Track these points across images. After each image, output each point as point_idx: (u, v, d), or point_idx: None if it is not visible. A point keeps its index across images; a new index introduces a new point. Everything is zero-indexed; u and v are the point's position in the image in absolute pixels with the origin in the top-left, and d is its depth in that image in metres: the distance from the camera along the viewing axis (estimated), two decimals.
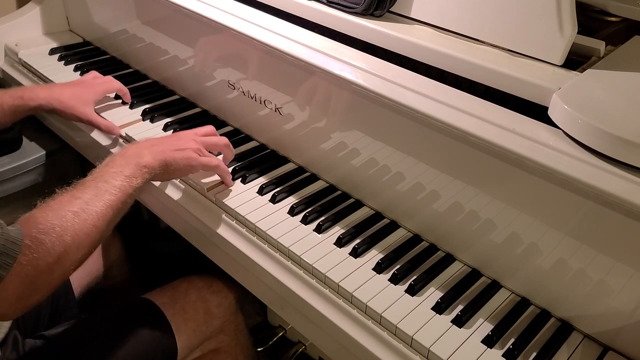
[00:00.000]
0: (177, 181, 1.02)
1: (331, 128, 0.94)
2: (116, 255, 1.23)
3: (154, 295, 0.98)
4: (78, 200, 0.73)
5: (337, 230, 0.90)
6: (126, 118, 1.17)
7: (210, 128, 0.99)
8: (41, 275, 0.67)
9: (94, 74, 1.22)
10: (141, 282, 1.32)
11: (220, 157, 1.00)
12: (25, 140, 1.36)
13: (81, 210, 0.72)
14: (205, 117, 1.20)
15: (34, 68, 1.35)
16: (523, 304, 0.80)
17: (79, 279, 1.11)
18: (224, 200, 0.94)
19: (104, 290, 1.23)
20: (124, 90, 1.21)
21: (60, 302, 1.05)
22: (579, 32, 0.78)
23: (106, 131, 1.12)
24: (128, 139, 1.12)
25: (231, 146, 0.99)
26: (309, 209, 0.93)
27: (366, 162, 0.92)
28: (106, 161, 0.82)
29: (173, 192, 1.01)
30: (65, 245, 0.69)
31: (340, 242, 0.87)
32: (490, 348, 0.73)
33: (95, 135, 1.16)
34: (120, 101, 1.23)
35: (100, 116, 1.14)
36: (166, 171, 0.86)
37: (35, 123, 1.38)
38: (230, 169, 1.02)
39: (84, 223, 0.72)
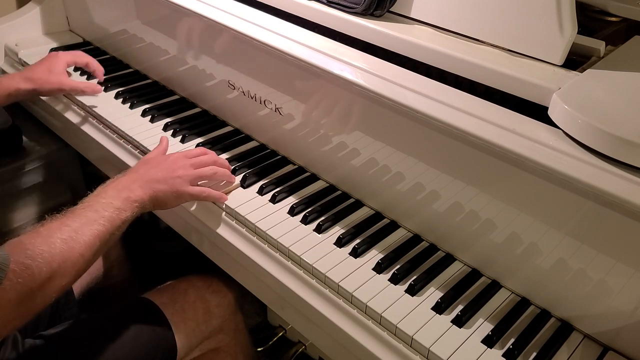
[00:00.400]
0: None
1: (331, 128, 0.94)
2: (116, 255, 1.23)
3: (153, 295, 0.98)
4: (67, 228, 0.73)
5: (337, 230, 0.90)
6: (131, 121, 1.17)
7: (200, 150, 0.99)
8: (24, 301, 0.67)
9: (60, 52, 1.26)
10: (141, 282, 1.32)
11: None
12: (25, 140, 1.36)
13: (70, 238, 0.72)
14: (205, 117, 1.20)
15: None
16: (523, 304, 0.80)
17: (80, 280, 1.11)
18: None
19: (104, 290, 1.23)
20: (94, 65, 1.24)
21: (61, 302, 1.05)
22: (579, 32, 0.78)
23: (90, 92, 1.17)
24: (129, 140, 1.12)
25: (220, 160, 0.99)
26: (309, 209, 0.93)
27: (366, 162, 0.92)
28: (98, 190, 0.82)
29: None
30: (52, 272, 0.69)
31: (340, 242, 0.87)
32: (490, 348, 0.73)
33: (96, 135, 1.16)
34: (120, 100, 1.23)
35: (76, 81, 1.19)
36: (157, 204, 0.87)
37: (35, 123, 1.39)
38: (230, 169, 1.03)
39: (72, 251, 0.72)
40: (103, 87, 1.23)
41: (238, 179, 0.99)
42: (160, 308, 0.95)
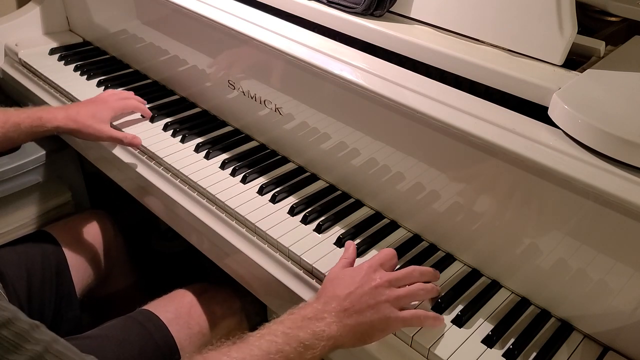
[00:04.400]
0: (177, 181, 1.02)
1: (331, 128, 0.94)
2: (117, 255, 1.23)
3: (158, 308, 0.96)
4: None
5: (337, 230, 0.90)
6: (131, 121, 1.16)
7: (389, 253, 0.77)
8: None
9: (111, 91, 1.18)
10: (142, 282, 1.32)
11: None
12: None
13: None
14: (205, 117, 1.20)
15: (34, 68, 1.35)
16: (523, 304, 0.80)
17: (81, 280, 1.11)
18: (224, 201, 0.94)
19: (106, 291, 1.23)
20: (142, 108, 1.16)
21: (63, 303, 1.05)
22: (579, 32, 0.78)
23: (129, 144, 1.07)
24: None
25: (425, 269, 0.77)
26: (309, 209, 0.93)
27: (366, 162, 0.92)
28: (281, 317, 0.67)
29: (173, 193, 1.01)
30: None
31: (340, 242, 0.87)
32: (490, 348, 0.73)
33: None
34: None
35: (119, 130, 1.11)
36: (359, 339, 0.69)
37: None
38: (230, 169, 1.02)
39: None
40: (141, 139, 1.10)
41: (236, 182, 0.98)
42: (165, 323, 0.93)
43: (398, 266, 0.83)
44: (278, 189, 0.97)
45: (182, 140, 1.10)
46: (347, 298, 0.69)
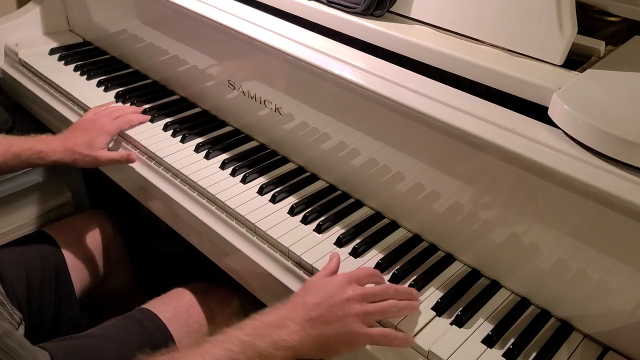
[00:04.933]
0: (177, 181, 1.02)
1: (331, 128, 0.94)
2: (117, 255, 1.23)
3: (157, 307, 0.96)
4: None
5: (337, 230, 0.90)
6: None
7: (368, 270, 0.77)
8: None
9: (104, 110, 1.15)
10: (142, 282, 1.32)
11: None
12: None
13: None
14: (205, 117, 1.20)
15: (34, 68, 1.35)
16: (523, 304, 0.80)
17: (80, 280, 1.11)
18: (224, 201, 0.94)
19: (105, 290, 1.23)
20: (137, 120, 1.16)
21: (62, 303, 1.05)
22: (579, 32, 0.78)
23: (126, 162, 1.08)
24: (128, 140, 1.12)
25: (401, 288, 0.76)
26: (309, 209, 0.93)
27: (366, 162, 0.92)
28: (242, 322, 0.67)
29: (173, 192, 1.01)
30: None
31: (340, 242, 0.87)
32: (490, 348, 0.73)
33: None
34: (120, 101, 1.23)
35: (112, 151, 1.10)
36: (321, 350, 0.68)
37: (35, 123, 1.39)
38: (230, 169, 1.02)
39: None
40: (135, 154, 1.10)
41: (237, 182, 0.98)
42: (164, 322, 0.93)
43: (398, 266, 0.83)
44: (278, 189, 0.97)
45: (182, 140, 1.10)
46: (316, 308, 0.67)
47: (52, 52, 1.43)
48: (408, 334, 0.72)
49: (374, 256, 0.86)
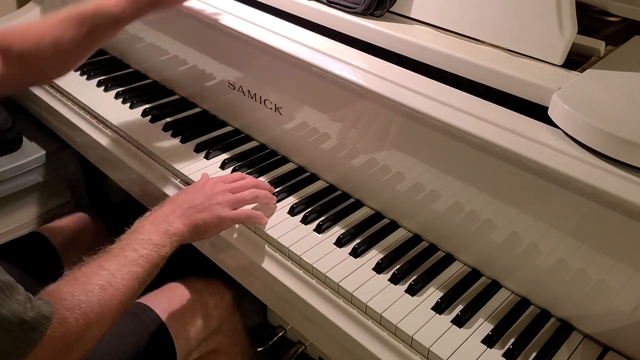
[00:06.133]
0: (177, 181, 1.02)
1: (331, 128, 0.94)
2: None
3: (151, 300, 0.96)
4: (105, 272, 0.69)
5: (337, 230, 0.90)
6: (131, 121, 1.16)
7: (237, 174, 0.95)
8: (58, 356, 0.62)
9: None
10: None
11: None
12: (25, 140, 1.36)
13: (108, 283, 0.68)
14: (205, 117, 1.20)
15: None
16: (523, 304, 0.80)
17: None
18: None
19: None
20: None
21: None
22: (579, 32, 0.78)
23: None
24: (129, 141, 1.12)
25: (262, 184, 0.94)
26: (309, 209, 0.93)
27: (366, 162, 0.92)
28: (135, 225, 0.78)
29: (173, 192, 1.00)
30: (89, 323, 0.65)
31: (340, 242, 0.87)
32: (490, 348, 0.73)
33: (96, 135, 1.16)
34: (120, 100, 1.23)
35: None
36: (196, 234, 0.82)
37: (35, 123, 1.39)
38: (230, 169, 1.03)
39: (110, 299, 0.67)
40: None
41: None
42: (159, 315, 0.94)
43: (398, 266, 0.83)
44: (278, 188, 0.97)
45: (183, 141, 1.10)
46: (189, 201, 0.83)
47: None
48: (264, 216, 0.89)
49: (374, 256, 0.86)
